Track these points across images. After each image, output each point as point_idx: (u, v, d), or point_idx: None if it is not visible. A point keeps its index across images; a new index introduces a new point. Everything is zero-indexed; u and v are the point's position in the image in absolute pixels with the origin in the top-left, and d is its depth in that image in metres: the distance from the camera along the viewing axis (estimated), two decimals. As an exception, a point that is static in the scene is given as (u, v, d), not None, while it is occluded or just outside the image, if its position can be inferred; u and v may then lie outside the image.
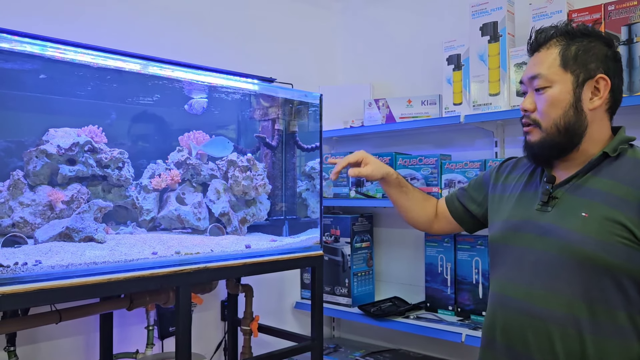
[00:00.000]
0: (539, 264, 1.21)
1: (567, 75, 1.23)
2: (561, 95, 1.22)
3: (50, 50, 1.47)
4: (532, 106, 1.26)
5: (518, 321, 1.22)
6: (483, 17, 2.15)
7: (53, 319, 1.56)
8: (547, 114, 1.23)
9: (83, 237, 1.52)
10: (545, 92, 1.23)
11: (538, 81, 1.24)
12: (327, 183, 2.58)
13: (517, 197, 1.34)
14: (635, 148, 1.25)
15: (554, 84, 1.23)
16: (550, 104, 1.23)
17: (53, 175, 1.61)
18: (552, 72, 1.23)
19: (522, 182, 1.37)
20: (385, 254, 2.70)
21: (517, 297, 1.23)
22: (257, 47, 2.54)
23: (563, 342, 1.15)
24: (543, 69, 1.24)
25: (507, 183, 1.42)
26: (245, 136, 2.17)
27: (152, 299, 1.74)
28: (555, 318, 1.16)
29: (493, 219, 1.41)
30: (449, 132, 2.48)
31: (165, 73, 1.75)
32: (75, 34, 1.76)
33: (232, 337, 2.24)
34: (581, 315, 1.14)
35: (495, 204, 1.42)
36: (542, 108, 1.24)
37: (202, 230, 1.85)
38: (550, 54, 1.25)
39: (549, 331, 1.16)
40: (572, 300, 1.16)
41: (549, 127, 1.23)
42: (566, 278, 1.17)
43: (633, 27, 1.79)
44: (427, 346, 2.47)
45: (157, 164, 1.86)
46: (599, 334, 1.14)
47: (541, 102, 1.24)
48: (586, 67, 1.23)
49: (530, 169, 1.38)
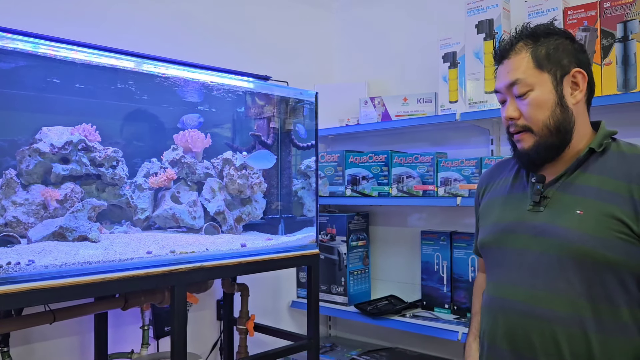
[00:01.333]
0: (538, 264, 1.19)
1: (545, 75, 1.22)
2: (544, 96, 1.21)
3: (43, 48, 1.46)
4: (517, 113, 1.24)
5: (522, 324, 1.19)
6: (479, 14, 2.14)
7: (47, 319, 1.55)
8: (535, 117, 1.22)
9: (77, 237, 1.51)
10: (527, 96, 1.22)
11: (518, 87, 1.22)
12: (323, 181, 2.57)
13: (504, 200, 1.32)
14: (619, 142, 1.26)
15: (534, 87, 1.21)
16: (536, 107, 1.21)
17: (46, 174, 1.60)
18: (529, 75, 1.22)
19: (507, 184, 1.35)
20: (381, 252, 2.70)
21: (518, 299, 1.21)
22: (252, 45, 2.53)
23: (569, 343, 1.13)
24: (519, 74, 1.22)
25: (493, 189, 1.40)
26: (241, 134, 2.16)
27: (147, 298, 1.73)
28: (560, 318, 1.15)
29: (482, 224, 1.38)
30: (444, 130, 2.47)
31: (160, 71, 1.74)
32: (69, 32, 1.74)
33: (227, 337, 2.23)
34: (585, 314, 1.14)
35: (484, 210, 1.40)
36: (529, 112, 1.22)
37: (198, 229, 1.84)
38: (521, 58, 1.23)
39: (554, 332, 1.15)
40: (575, 299, 1.14)
41: (541, 130, 1.22)
42: (567, 277, 1.15)
43: (628, 24, 1.79)
44: (424, 344, 2.47)
45: (152, 162, 1.85)
46: (603, 332, 1.13)
47: (525, 106, 1.22)
48: (560, 64, 1.23)
49: (513, 171, 1.36)
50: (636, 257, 1.14)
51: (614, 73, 1.81)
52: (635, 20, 1.77)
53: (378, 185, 2.41)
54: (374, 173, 2.43)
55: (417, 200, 2.29)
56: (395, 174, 2.36)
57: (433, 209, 2.51)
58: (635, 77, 1.77)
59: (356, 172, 2.48)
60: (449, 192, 2.21)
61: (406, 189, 2.33)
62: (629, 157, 1.21)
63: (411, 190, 2.31)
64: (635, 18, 1.77)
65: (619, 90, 1.80)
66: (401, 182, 2.34)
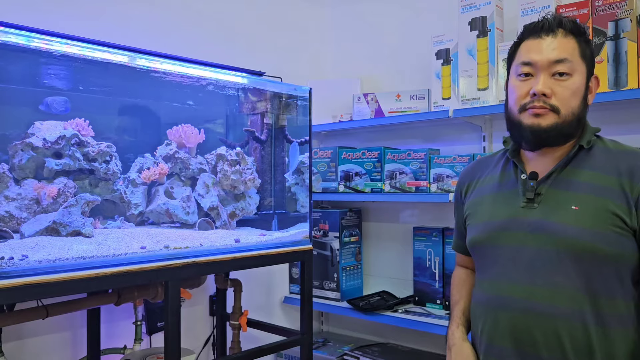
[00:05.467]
0: (536, 261, 1.20)
1: (583, 67, 1.23)
2: (581, 86, 1.22)
3: (36, 42, 1.45)
4: (550, 90, 1.20)
5: (524, 321, 1.19)
6: (472, 11, 2.15)
7: (40, 315, 1.55)
8: (569, 101, 1.20)
9: (70, 232, 1.50)
10: (568, 79, 1.20)
11: (564, 65, 1.19)
12: (316, 177, 2.58)
13: (494, 198, 1.32)
14: (602, 139, 1.28)
15: (574, 73, 1.21)
16: (573, 93, 1.20)
17: (39, 169, 1.59)
18: (575, 60, 1.21)
19: (493, 182, 1.34)
20: (373, 248, 2.71)
21: (518, 296, 1.21)
22: (246, 40, 2.52)
23: (570, 337, 1.15)
24: (567, 55, 1.20)
25: (478, 186, 1.39)
26: (234, 130, 2.15)
27: (140, 294, 1.72)
28: (560, 313, 1.16)
29: (471, 222, 1.37)
30: (437, 127, 2.49)
31: (153, 65, 1.73)
32: (64, 27, 1.73)
33: (220, 332, 2.24)
34: (584, 307, 1.15)
35: (471, 208, 1.38)
36: (564, 95, 1.20)
37: (191, 225, 1.84)
38: (568, 41, 1.22)
39: (556, 327, 1.16)
40: (574, 293, 1.16)
41: (567, 115, 1.20)
42: (566, 272, 1.17)
43: (620, 23, 1.80)
44: (416, 340, 2.48)
45: (145, 157, 1.84)
46: (602, 324, 1.15)
47: (563, 88, 1.20)
48: (593, 63, 1.26)
49: (499, 168, 1.36)
50: (631, 250, 1.16)
51: (606, 71, 1.83)
52: (626, 18, 1.79)
53: (371, 182, 2.42)
54: (367, 169, 2.44)
55: (410, 196, 2.30)
56: (388, 170, 2.37)
57: (425, 205, 2.53)
58: (626, 75, 1.79)
59: (349, 168, 2.49)
60: (442, 189, 2.22)
61: (399, 185, 2.34)
62: (614, 153, 1.23)
63: (404, 187, 2.32)
64: (627, 16, 1.79)
65: (610, 88, 1.82)
66: (394, 178, 2.35)
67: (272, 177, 2.17)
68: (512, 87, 1.28)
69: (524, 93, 1.23)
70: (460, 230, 1.47)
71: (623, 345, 1.15)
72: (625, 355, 1.16)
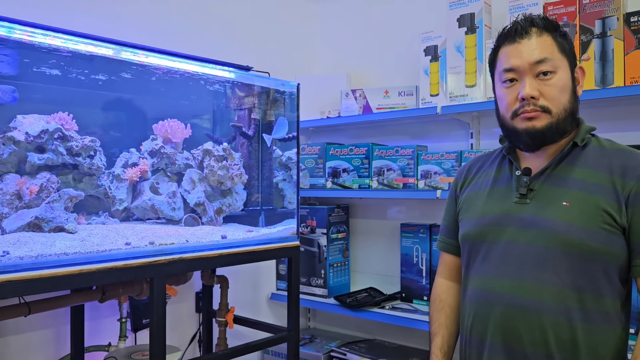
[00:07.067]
0: (525, 256, 1.20)
1: (565, 62, 1.23)
2: (567, 80, 1.22)
3: (17, 33, 1.41)
4: (537, 92, 1.20)
5: (512, 316, 1.20)
6: (460, 8, 2.15)
7: (22, 312, 1.52)
8: (558, 99, 1.21)
9: (53, 227, 1.47)
10: (552, 77, 1.20)
11: (546, 65, 1.20)
12: (304, 174, 2.57)
13: (488, 193, 1.33)
14: (598, 137, 1.29)
15: (558, 70, 1.21)
16: (560, 90, 1.21)
17: (21, 164, 1.56)
18: (555, 58, 1.22)
19: (489, 178, 1.35)
20: (361, 244, 2.70)
21: (505, 291, 1.21)
22: (234, 35, 2.50)
23: (555, 332, 1.15)
24: (547, 54, 1.21)
25: (473, 183, 1.39)
26: (221, 125, 2.13)
27: (125, 290, 1.70)
28: (547, 308, 1.16)
29: (464, 217, 1.37)
30: (425, 123, 2.49)
31: (139, 59, 1.71)
32: (45, 19, 1.70)
33: (207, 329, 2.22)
34: (571, 303, 1.16)
35: (465, 203, 1.38)
36: (552, 93, 1.20)
37: (177, 221, 1.82)
38: (544, 40, 1.22)
39: (542, 322, 1.16)
40: (561, 289, 1.16)
41: (559, 112, 1.21)
42: (554, 268, 1.17)
43: (607, 21, 1.81)
44: (403, 336, 2.49)
45: (131, 152, 1.81)
46: (588, 321, 1.15)
47: (549, 87, 1.20)
48: (573, 56, 1.26)
49: (495, 165, 1.36)
50: (619, 248, 1.17)
51: (592, 69, 1.84)
52: (613, 16, 1.80)
53: (359, 178, 2.42)
54: (355, 166, 2.43)
55: (397, 193, 2.30)
56: (375, 166, 2.37)
57: (413, 202, 2.53)
58: (612, 73, 1.80)
59: (337, 165, 2.48)
60: (429, 185, 2.22)
61: (387, 181, 2.33)
62: (609, 151, 1.24)
63: (391, 183, 2.32)
64: (614, 15, 1.80)
65: (597, 85, 1.83)
66: (382, 174, 2.35)
67: (259, 173, 2.15)
68: (500, 95, 1.28)
69: (513, 99, 1.23)
70: (449, 226, 1.47)
71: (608, 343, 1.16)
72: (610, 354, 1.16)
